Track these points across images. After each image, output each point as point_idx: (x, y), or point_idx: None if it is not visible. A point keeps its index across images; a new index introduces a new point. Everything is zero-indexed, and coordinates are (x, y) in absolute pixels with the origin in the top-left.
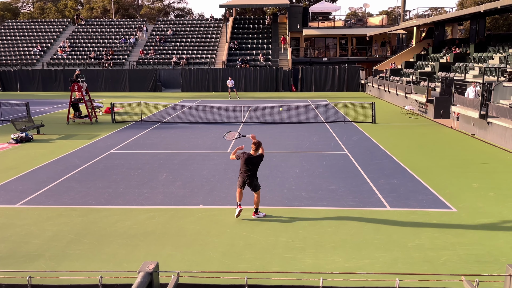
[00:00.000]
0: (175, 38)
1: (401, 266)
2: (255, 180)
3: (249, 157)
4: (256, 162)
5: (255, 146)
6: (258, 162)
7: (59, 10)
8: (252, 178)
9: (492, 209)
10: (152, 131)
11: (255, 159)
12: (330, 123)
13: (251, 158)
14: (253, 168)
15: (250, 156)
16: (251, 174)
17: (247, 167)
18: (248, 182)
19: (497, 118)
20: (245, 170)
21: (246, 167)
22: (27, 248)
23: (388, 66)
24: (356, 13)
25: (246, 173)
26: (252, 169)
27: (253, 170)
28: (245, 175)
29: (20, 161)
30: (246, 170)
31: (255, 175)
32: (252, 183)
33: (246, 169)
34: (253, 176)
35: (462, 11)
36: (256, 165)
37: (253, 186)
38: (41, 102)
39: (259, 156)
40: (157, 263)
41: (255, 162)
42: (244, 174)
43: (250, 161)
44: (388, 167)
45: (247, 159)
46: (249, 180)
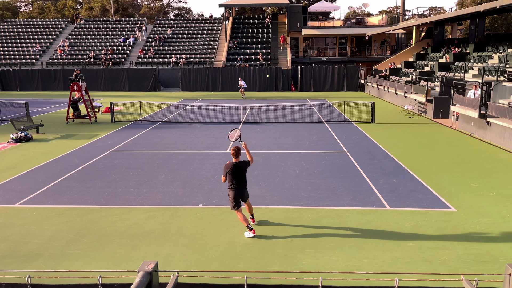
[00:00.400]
0: (175, 37)
1: (401, 265)
2: (245, 190)
3: (236, 164)
4: (245, 168)
5: (235, 152)
6: (245, 168)
7: (58, 10)
8: (245, 188)
9: (491, 208)
10: (151, 131)
11: (243, 164)
12: (330, 122)
13: (238, 165)
14: (243, 175)
15: (235, 163)
16: (243, 183)
17: (238, 176)
18: (240, 194)
19: (496, 118)
20: (237, 181)
21: (236, 176)
22: (26, 247)
23: (387, 65)
24: (355, 13)
25: (239, 184)
26: (243, 176)
27: (244, 178)
28: (238, 187)
29: (19, 161)
30: (238, 180)
31: (245, 185)
32: (245, 193)
33: (238, 179)
34: (245, 186)
35: (462, 11)
36: (245, 171)
37: (245, 196)
38: (40, 101)
39: (245, 162)
40: (157, 262)
41: (244, 168)
42: (236, 186)
43: (239, 168)
44: (388, 167)
45: (235, 167)
46: (241, 192)
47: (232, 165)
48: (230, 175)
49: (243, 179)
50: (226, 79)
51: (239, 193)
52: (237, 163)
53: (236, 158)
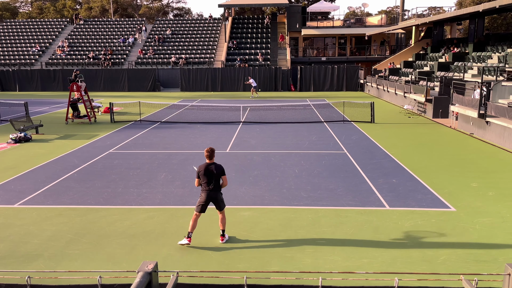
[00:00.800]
0: (174, 37)
1: (400, 265)
2: (220, 195)
3: (207, 166)
4: (217, 171)
5: (208, 153)
6: (218, 172)
7: (58, 10)
8: (216, 192)
9: (491, 208)
10: (151, 131)
11: (214, 167)
12: (329, 122)
13: (208, 166)
14: (214, 178)
15: (207, 164)
16: (214, 187)
17: (208, 179)
18: (212, 198)
19: (495, 118)
20: (206, 182)
21: (206, 178)
22: (26, 248)
23: (387, 65)
24: (355, 13)
25: (208, 187)
26: (214, 179)
27: (216, 182)
28: (207, 189)
29: (19, 161)
30: (207, 182)
31: (219, 189)
32: (217, 199)
33: (208, 182)
34: (217, 191)
35: (461, 11)
36: (217, 175)
37: (218, 202)
38: (39, 102)
39: (218, 165)
40: (156, 262)
41: (215, 171)
42: (206, 188)
43: (208, 170)
44: (387, 167)
45: (206, 169)
46: (213, 195)
47: (205, 166)
48: (202, 176)
49: (215, 184)
50: (226, 79)
51: (210, 197)
52: (208, 164)
53: (210, 159)
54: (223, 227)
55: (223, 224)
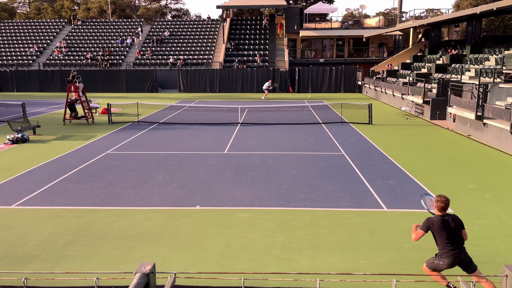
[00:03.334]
0: (172, 39)
1: (398, 266)
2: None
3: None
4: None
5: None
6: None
7: (56, 11)
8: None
9: (488, 209)
10: (149, 132)
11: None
12: (327, 124)
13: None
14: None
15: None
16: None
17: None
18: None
19: (493, 119)
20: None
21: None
22: (23, 249)
23: (384, 67)
24: (353, 15)
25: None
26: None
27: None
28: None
29: (16, 162)
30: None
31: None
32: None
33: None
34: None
35: (458, 13)
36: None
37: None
38: (37, 102)
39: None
40: (154, 264)
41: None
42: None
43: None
44: (385, 168)
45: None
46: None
47: (440, 221)
48: (438, 233)
49: (459, 239)
50: (224, 80)
51: (456, 260)
52: (447, 218)
53: (444, 211)
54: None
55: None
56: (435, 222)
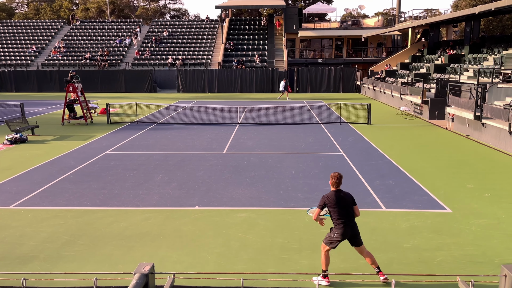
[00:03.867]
0: (171, 39)
1: (397, 266)
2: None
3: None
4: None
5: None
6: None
7: (54, 11)
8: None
9: (486, 209)
10: (147, 132)
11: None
12: (326, 124)
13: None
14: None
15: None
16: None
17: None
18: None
19: (491, 119)
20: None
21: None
22: (21, 249)
23: (383, 67)
24: (351, 15)
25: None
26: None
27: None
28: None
29: (14, 162)
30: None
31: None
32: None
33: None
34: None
35: (457, 13)
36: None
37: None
38: (36, 102)
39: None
40: (153, 264)
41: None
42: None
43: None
44: (384, 168)
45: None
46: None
47: (334, 195)
48: (333, 207)
49: (351, 213)
50: (223, 80)
51: (348, 231)
52: (339, 193)
53: (337, 186)
54: (376, 264)
55: (373, 261)
56: (330, 197)
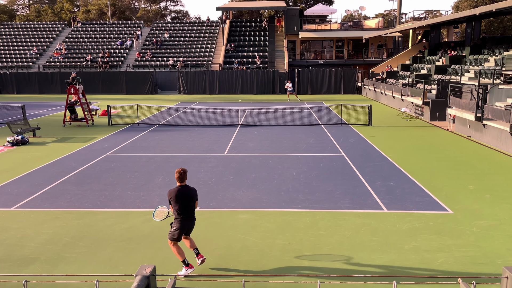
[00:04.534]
0: (172, 40)
1: (398, 268)
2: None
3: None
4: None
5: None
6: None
7: (56, 13)
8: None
9: (488, 211)
10: (148, 134)
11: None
12: (327, 125)
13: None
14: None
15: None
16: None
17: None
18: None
19: (492, 120)
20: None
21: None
22: (22, 251)
23: (384, 68)
24: (352, 16)
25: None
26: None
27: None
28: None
29: (15, 164)
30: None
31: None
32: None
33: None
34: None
35: (458, 14)
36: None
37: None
38: (37, 104)
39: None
40: (154, 266)
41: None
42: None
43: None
44: (385, 169)
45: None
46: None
47: (177, 190)
48: (175, 202)
49: (191, 208)
50: (223, 82)
51: (186, 225)
52: (184, 188)
53: (181, 181)
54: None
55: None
56: (173, 192)
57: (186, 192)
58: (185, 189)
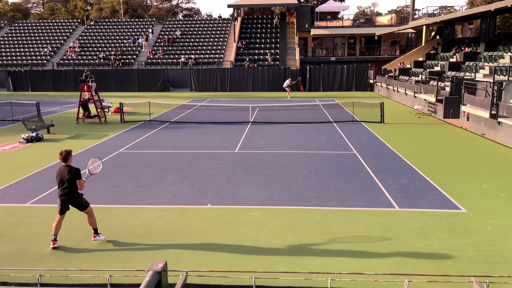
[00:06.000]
0: (184, 38)
1: (410, 266)
2: (75, 197)
3: (60, 169)
4: (68, 173)
5: (61, 155)
6: (70, 175)
7: (69, 11)
8: (70, 195)
9: (502, 209)
10: (160, 131)
11: (66, 170)
12: (338, 123)
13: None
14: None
15: (60, 168)
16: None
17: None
18: (69, 201)
19: (507, 118)
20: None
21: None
22: (37, 246)
23: (397, 65)
24: (364, 12)
25: (62, 190)
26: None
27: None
28: (60, 193)
29: (30, 160)
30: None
31: (73, 191)
32: (74, 200)
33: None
34: (71, 193)
35: (472, 10)
36: (69, 179)
37: (77, 204)
38: (51, 102)
39: (71, 168)
40: (166, 262)
41: (66, 173)
42: (59, 191)
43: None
44: (397, 167)
45: (59, 172)
46: (67, 198)
47: (58, 169)
48: (57, 179)
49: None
50: (235, 79)
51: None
52: (64, 169)
53: (63, 161)
54: (94, 226)
55: (92, 223)
56: (56, 170)
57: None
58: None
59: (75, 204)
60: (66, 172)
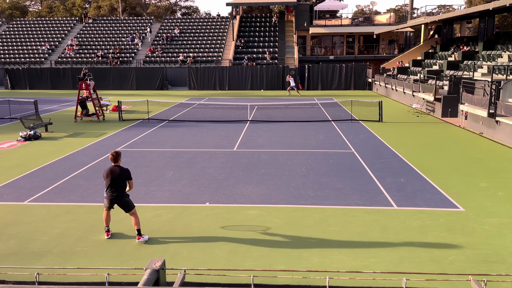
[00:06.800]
0: (182, 36)
1: (408, 265)
2: (123, 197)
3: (111, 169)
4: (120, 174)
5: (112, 156)
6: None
7: (67, 9)
8: (119, 195)
9: (500, 208)
10: (158, 129)
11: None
12: (337, 121)
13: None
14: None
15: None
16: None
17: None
18: (117, 200)
19: (505, 117)
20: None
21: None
22: (35, 245)
23: (395, 64)
24: (363, 11)
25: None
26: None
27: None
28: (109, 193)
29: (28, 159)
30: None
31: (123, 191)
32: (121, 200)
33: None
34: (120, 193)
35: (471, 9)
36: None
37: (124, 204)
38: (49, 100)
39: (124, 170)
40: (164, 260)
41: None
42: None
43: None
44: (395, 166)
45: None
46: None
47: (108, 170)
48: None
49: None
50: (233, 77)
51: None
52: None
53: (114, 162)
54: (138, 227)
55: (136, 224)
56: (105, 170)
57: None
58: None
59: (122, 204)
60: (118, 172)
